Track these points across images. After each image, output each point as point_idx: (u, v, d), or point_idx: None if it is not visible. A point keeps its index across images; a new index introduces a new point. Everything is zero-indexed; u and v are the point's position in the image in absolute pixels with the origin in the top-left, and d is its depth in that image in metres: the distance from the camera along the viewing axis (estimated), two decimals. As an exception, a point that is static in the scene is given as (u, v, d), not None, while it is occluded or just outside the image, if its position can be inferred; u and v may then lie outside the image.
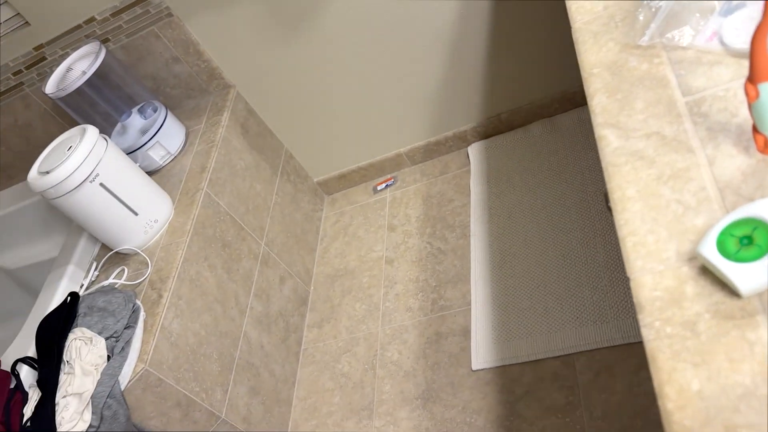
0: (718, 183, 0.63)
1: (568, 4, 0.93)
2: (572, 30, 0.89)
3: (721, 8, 0.76)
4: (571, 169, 1.79)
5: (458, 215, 1.88)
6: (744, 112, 0.67)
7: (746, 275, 0.55)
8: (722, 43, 0.74)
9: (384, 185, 2.10)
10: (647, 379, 1.27)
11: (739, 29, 0.73)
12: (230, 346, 1.53)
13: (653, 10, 0.80)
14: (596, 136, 0.74)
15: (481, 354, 1.52)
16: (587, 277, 1.48)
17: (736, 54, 0.72)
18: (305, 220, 2.03)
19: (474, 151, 2.02)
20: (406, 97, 1.88)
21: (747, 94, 0.58)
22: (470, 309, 1.62)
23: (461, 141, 2.04)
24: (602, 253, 1.50)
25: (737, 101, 0.68)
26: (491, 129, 2.03)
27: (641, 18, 0.81)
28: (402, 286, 1.79)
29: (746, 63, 0.71)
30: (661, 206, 0.65)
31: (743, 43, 0.72)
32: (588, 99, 0.79)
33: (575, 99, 1.93)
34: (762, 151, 0.63)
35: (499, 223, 1.78)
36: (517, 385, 1.44)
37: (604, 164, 0.71)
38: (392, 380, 1.62)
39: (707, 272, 0.58)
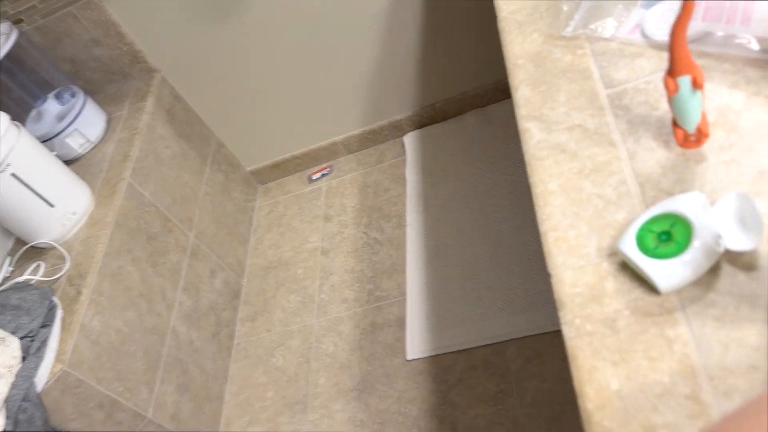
0: (639, 177, 0.63)
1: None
2: (498, 19, 0.88)
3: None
4: (504, 159, 1.80)
5: (394, 205, 1.86)
6: (664, 106, 0.67)
7: (665, 272, 0.54)
8: (644, 35, 0.73)
9: (320, 174, 2.07)
10: (576, 366, 1.28)
11: (660, 21, 0.73)
12: (156, 342, 1.47)
13: (577, 0, 0.79)
14: (519, 128, 0.72)
15: (416, 344, 1.51)
16: (519, 266, 1.49)
17: (657, 46, 0.72)
18: (237, 210, 1.97)
19: (409, 140, 2.00)
20: (341, 85, 1.85)
21: (667, 87, 0.58)
22: (405, 299, 1.61)
23: (397, 130, 2.02)
24: (534, 242, 1.51)
25: (657, 94, 0.68)
26: (426, 118, 2.01)
27: (565, 8, 0.80)
28: (338, 277, 1.77)
29: (666, 54, 0.71)
30: (583, 201, 0.64)
31: (664, 35, 0.71)
32: (512, 91, 0.78)
33: (508, 89, 1.93)
34: (681, 145, 0.62)
35: (434, 213, 1.77)
36: (450, 373, 1.44)
37: (527, 157, 0.70)
38: (327, 373, 1.59)
39: (627, 268, 0.58)
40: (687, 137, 0.62)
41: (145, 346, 1.43)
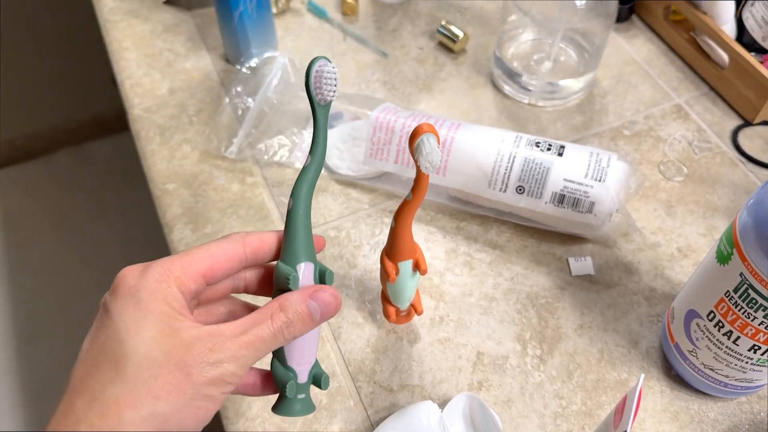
0: (350, 366, 0.51)
1: (120, 77, 0.69)
2: (129, 118, 0.66)
3: (316, 117, 0.64)
4: (113, 207, 1.52)
5: (-37, 282, 1.42)
6: (362, 262, 0.56)
7: None
8: (324, 164, 0.62)
9: None
10: None
11: (341, 149, 0.62)
12: None
13: (239, 111, 0.63)
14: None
15: None
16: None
17: (342, 181, 0.61)
18: None
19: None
20: None
21: (387, 272, 0.47)
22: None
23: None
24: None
25: (352, 246, 0.57)
26: (3, 157, 1.59)
27: (224, 119, 0.63)
28: None
29: (354, 193, 0.61)
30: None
31: (348, 169, 0.61)
32: (165, 230, 0.58)
33: (109, 124, 1.65)
34: (394, 322, 0.53)
35: (25, 282, 1.41)
36: None
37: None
38: None
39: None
40: (399, 313, 0.52)
41: None
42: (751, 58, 0.62)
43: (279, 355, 0.36)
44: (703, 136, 0.64)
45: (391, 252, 0.47)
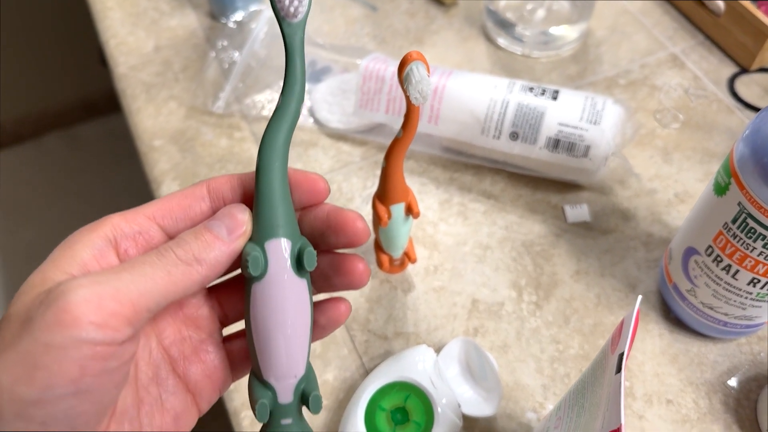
0: (342, 315, 0.50)
1: (104, 36, 0.67)
2: (114, 76, 0.64)
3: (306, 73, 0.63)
4: (103, 191, 1.51)
5: (-47, 266, 1.41)
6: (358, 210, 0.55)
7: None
8: (314, 118, 0.61)
9: None
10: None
11: (331, 103, 0.61)
12: None
13: (226, 65, 0.62)
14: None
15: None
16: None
17: (332, 134, 0.60)
18: None
19: (-32, 174, 1.54)
20: None
21: (378, 216, 0.46)
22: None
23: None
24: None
25: (344, 199, 0.56)
26: (-9, 144, 1.58)
27: (210, 74, 0.62)
28: None
29: (344, 146, 0.59)
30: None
31: (338, 122, 0.60)
32: (153, 186, 0.57)
33: (98, 106, 1.63)
34: (387, 271, 0.52)
35: (14, 268, 1.39)
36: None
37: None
38: None
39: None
40: (392, 262, 0.51)
41: None
42: (748, 3, 0.61)
43: (254, 366, 0.28)
44: (699, 84, 0.63)
45: (383, 195, 0.46)
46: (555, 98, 0.53)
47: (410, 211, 0.46)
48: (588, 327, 0.49)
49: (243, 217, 0.27)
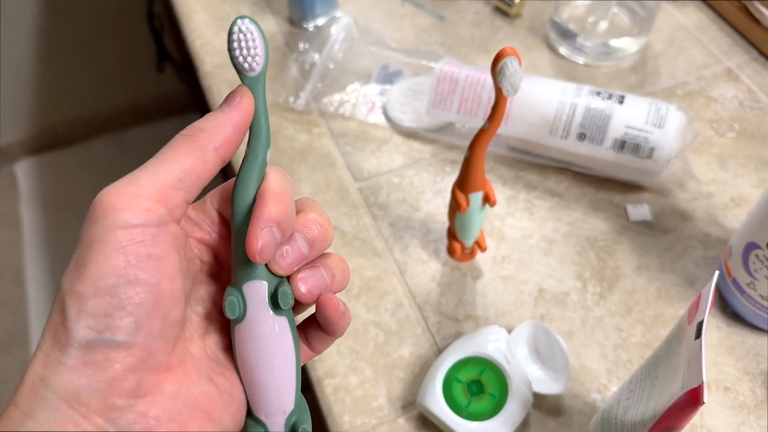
0: (416, 298, 0.54)
1: (190, 37, 0.72)
2: (199, 74, 0.69)
3: (378, 75, 0.67)
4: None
5: (4, 256, 1.46)
6: (425, 206, 0.59)
7: (480, 432, 0.46)
8: (387, 117, 0.65)
9: None
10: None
11: (403, 104, 0.65)
12: None
13: (306, 66, 0.66)
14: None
15: None
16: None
17: (403, 132, 0.64)
18: None
19: (23, 170, 1.60)
20: None
21: (458, 204, 0.49)
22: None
23: (4, 157, 1.60)
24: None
25: (415, 192, 0.60)
26: (44, 143, 1.64)
27: (291, 74, 0.66)
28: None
29: (415, 144, 0.63)
30: (360, 332, 0.52)
31: (410, 121, 0.64)
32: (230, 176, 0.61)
33: (146, 112, 1.69)
34: (458, 259, 0.55)
35: (62, 268, 1.44)
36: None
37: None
38: None
39: (427, 422, 0.48)
40: (464, 250, 0.55)
41: None
42: (801, 21, 0.64)
43: (248, 402, 0.29)
44: (754, 97, 0.66)
45: (464, 183, 0.49)
46: (621, 102, 0.56)
47: (487, 199, 0.50)
48: (649, 318, 0.52)
49: (238, 90, 0.28)
